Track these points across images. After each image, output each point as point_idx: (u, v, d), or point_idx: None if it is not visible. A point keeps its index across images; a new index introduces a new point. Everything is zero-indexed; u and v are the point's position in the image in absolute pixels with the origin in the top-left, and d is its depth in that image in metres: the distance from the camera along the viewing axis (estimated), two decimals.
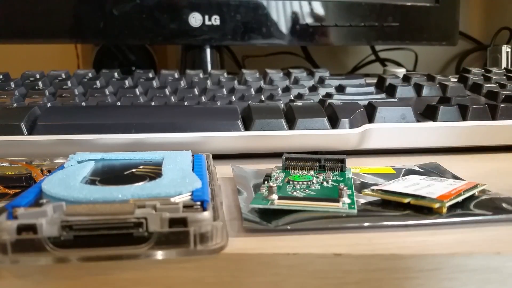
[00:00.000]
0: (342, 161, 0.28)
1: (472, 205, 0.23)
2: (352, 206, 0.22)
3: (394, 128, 0.34)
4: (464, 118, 0.35)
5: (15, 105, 0.36)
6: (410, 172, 0.30)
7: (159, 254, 0.18)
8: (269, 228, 0.21)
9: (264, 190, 0.24)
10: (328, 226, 0.21)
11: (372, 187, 0.25)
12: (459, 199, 0.23)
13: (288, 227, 0.21)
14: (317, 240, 0.20)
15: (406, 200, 0.23)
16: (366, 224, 0.21)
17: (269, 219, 0.22)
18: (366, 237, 0.20)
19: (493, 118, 0.36)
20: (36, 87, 0.41)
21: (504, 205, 0.23)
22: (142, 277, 0.18)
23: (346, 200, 0.23)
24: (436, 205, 0.22)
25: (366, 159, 0.34)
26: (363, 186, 0.27)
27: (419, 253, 0.19)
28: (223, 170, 0.31)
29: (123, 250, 0.17)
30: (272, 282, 0.19)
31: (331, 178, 0.27)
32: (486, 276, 0.19)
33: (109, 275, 0.18)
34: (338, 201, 0.22)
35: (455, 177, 0.28)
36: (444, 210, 0.22)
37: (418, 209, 0.23)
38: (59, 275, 0.18)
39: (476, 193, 0.25)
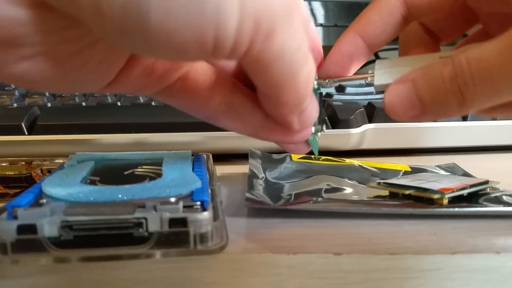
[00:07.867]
0: None
1: (480, 200, 0.23)
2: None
3: (394, 128, 0.34)
4: (464, 118, 0.35)
5: (15, 105, 0.36)
6: (425, 171, 0.30)
7: (159, 254, 0.18)
8: (270, 207, 0.22)
9: None
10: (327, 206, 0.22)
11: (378, 181, 0.25)
12: (463, 192, 0.23)
13: (287, 207, 0.22)
14: (317, 240, 0.20)
15: (408, 192, 0.23)
16: (364, 208, 0.22)
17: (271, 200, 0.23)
18: (366, 237, 0.20)
19: (493, 118, 0.36)
20: None
21: (505, 198, 0.23)
22: (142, 277, 0.18)
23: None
24: (436, 196, 0.22)
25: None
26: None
27: (419, 253, 0.19)
28: (223, 170, 0.31)
29: (123, 250, 0.17)
30: (272, 282, 0.19)
31: None
32: (486, 276, 0.19)
33: (109, 275, 0.18)
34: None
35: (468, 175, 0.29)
36: (445, 201, 0.22)
37: (421, 201, 0.23)
38: (59, 275, 0.18)
39: (488, 190, 0.25)
